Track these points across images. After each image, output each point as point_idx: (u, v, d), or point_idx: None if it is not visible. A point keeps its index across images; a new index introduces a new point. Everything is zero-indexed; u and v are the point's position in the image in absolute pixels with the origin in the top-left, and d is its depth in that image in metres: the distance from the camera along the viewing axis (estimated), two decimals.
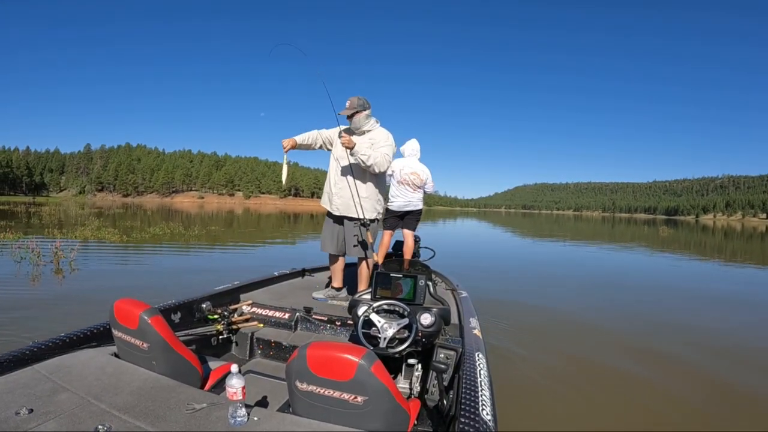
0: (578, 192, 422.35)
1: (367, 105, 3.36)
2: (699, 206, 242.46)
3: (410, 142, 4.93)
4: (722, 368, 4.10)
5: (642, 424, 3.06)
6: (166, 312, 2.54)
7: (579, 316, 5.85)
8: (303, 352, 1.36)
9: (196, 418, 1.38)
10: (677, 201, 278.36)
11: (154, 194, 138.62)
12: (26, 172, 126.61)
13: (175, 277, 7.21)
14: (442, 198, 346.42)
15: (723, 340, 5.08)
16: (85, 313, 4.25)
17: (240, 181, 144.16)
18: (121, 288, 6.07)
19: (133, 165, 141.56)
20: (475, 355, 2.06)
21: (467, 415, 1.49)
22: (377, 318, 2.19)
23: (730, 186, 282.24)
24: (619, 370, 3.97)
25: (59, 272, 7.08)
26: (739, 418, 3.16)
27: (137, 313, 1.68)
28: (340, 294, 3.61)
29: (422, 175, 4.82)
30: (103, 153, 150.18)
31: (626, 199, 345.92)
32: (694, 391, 3.60)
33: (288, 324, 3.07)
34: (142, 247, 11.14)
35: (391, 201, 4.77)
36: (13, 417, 1.33)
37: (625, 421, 3.08)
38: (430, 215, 63.92)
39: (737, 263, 13.98)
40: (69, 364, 1.70)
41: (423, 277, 2.44)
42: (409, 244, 4.82)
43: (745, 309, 6.89)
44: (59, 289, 6.00)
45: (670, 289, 8.63)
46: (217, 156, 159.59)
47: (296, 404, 1.44)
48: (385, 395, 1.37)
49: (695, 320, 5.99)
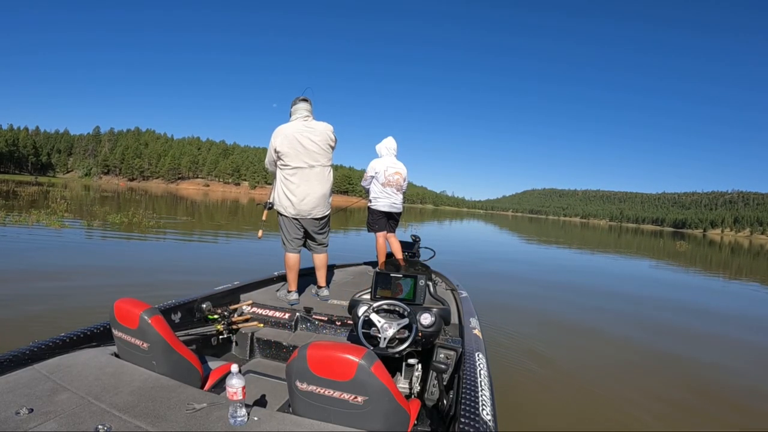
0: (586, 199, 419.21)
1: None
2: (707, 220, 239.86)
3: (387, 140, 4.71)
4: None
5: (641, 424, 3.09)
6: (167, 312, 2.54)
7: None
8: (303, 352, 1.36)
9: (196, 418, 1.38)
10: (685, 214, 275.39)
11: (160, 180, 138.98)
12: (33, 151, 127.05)
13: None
14: (450, 198, 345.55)
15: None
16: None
17: (247, 171, 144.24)
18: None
19: (140, 149, 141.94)
20: (475, 355, 2.06)
21: (467, 415, 1.49)
22: (377, 318, 2.19)
23: (740, 201, 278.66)
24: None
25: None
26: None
27: (137, 313, 1.67)
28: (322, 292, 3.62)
29: (404, 173, 4.69)
30: (111, 136, 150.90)
31: (634, 209, 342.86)
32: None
33: (288, 324, 3.07)
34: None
35: (375, 201, 4.64)
36: (13, 417, 1.32)
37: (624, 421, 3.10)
38: (437, 215, 63.87)
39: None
40: (69, 364, 1.69)
41: (423, 277, 2.43)
42: (396, 246, 4.73)
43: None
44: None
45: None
46: (226, 144, 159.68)
47: (296, 404, 1.43)
48: (385, 395, 1.37)
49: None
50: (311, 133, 3.29)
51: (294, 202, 3.32)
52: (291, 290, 3.43)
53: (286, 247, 3.49)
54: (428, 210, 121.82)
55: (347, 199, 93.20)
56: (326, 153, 3.38)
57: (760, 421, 3.38)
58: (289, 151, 3.28)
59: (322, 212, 3.45)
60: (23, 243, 8.42)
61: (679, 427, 3.15)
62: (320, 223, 3.50)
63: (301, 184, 3.31)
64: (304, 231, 3.50)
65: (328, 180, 3.44)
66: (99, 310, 4.06)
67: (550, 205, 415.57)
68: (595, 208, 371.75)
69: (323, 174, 3.39)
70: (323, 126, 3.38)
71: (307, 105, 3.40)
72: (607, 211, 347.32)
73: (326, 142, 3.36)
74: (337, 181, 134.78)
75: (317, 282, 3.65)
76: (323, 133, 3.34)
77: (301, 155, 3.29)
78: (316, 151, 3.31)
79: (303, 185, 3.31)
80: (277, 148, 3.30)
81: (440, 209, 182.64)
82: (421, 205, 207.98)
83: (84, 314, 4.06)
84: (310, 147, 3.28)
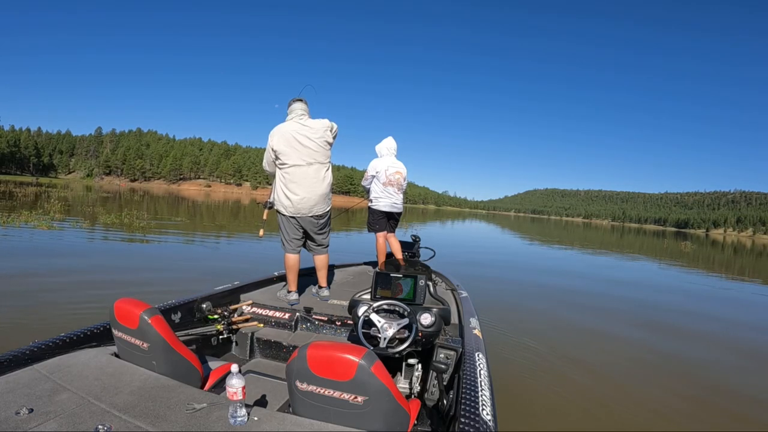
0: (588, 199, 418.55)
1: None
2: (710, 220, 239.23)
3: (387, 141, 4.72)
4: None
5: (642, 424, 3.09)
6: (167, 312, 2.55)
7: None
8: (303, 352, 1.36)
9: (196, 417, 1.38)
10: (688, 214, 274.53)
11: (161, 180, 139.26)
12: (34, 152, 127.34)
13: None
14: (452, 198, 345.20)
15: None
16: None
17: (248, 172, 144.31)
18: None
19: (142, 150, 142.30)
20: (475, 355, 2.06)
21: (467, 415, 1.49)
22: (377, 318, 2.18)
23: (742, 201, 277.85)
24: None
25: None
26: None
27: (137, 313, 1.68)
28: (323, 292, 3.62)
29: (404, 173, 4.70)
30: (113, 137, 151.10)
31: (636, 209, 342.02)
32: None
33: (288, 324, 3.07)
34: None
35: (377, 201, 4.63)
36: (13, 417, 1.32)
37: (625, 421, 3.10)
38: (439, 215, 63.75)
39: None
40: (69, 364, 1.69)
41: (423, 277, 2.43)
42: (396, 246, 4.73)
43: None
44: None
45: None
46: (228, 145, 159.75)
47: (296, 404, 1.43)
48: (385, 395, 1.36)
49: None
50: (308, 132, 3.30)
51: (294, 201, 3.33)
52: (291, 290, 3.44)
53: (286, 248, 3.49)
54: (430, 210, 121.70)
55: (349, 200, 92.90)
56: (324, 151, 3.38)
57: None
58: (287, 149, 3.29)
59: (322, 210, 3.45)
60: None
61: (679, 426, 3.14)
62: (320, 223, 3.49)
63: (299, 182, 3.31)
64: (304, 231, 3.50)
65: (327, 177, 3.44)
66: (70, 317, 4.05)
67: (552, 205, 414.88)
68: (598, 208, 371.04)
69: (321, 172, 3.38)
70: (320, 123, 3.38)
71: (303, 105, 3.42)
72: (609, 211, 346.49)
73: (323, 140, 3.36)
74: (339, 182, 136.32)
75: (317, 282, 3.66)
76: (320, 130, 3.34)
77: (299, 153, 3.30)
78: (314, 148, 3.32)
79: (302, 183, 3.32)
80: (274, 147, 3.31)
81: (442, 209, 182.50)
82: (423, 206, 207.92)
83: (59, 318, 4.05)
84: (307, 145, 3.29)
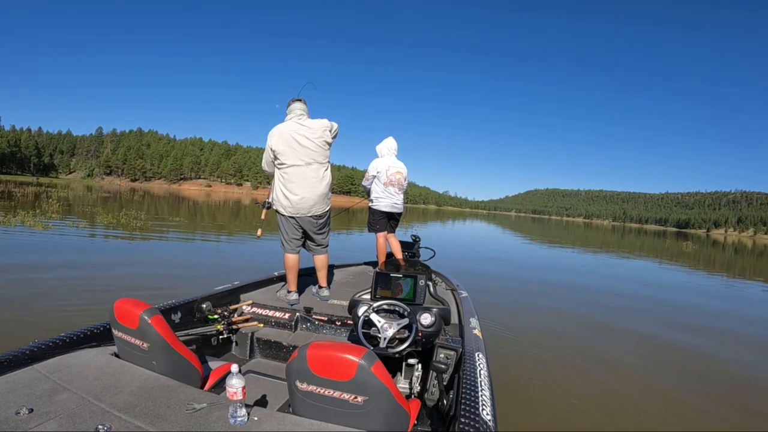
0: (589, 199, 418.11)
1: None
2: (710, 220, 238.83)
3: (387, 141, 4.71)
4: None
5: (642, 424, 3.08)
6: (167, 312, 2.55)
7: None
8: (303, 352, 1.36)
9: (196, 418, 1.38)
10: (689, 214, 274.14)
11: (162, 180, 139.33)
12: (35, 152, 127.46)
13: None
14: (452, 198, 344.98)
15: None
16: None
17: (249, 172, 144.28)
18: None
19: (142, 150, 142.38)
20: (475, 355, 2.06)
21: (467, 415, 1.49)
22: (377, 318, 2.18)
23: (743, 201, 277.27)
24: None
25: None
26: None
27: (137, 313, 1.68)
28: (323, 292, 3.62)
29: (404, 173, 4.70)
30: (114, 137, 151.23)
31: (637, 209, 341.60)
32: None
33: (288, 324, 3.07)
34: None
35: (377, 201, 4.64)
36: (13, 417, 1.32)
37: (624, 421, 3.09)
38: (439, 215, 63.74)
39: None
40: (69, 364, 1.69)
41: (423, 277, 2.43)
42: (396, 246, 4.73)
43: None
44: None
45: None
46: (228, 145, 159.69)
47: (296, 404, 1.43)
48: (385, 395, 1.36)
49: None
50: (306, 131, 3.30)
51: (293, 201, 3.32)
52: (291, 290, 3.44)
53: (285, 248, 3.49)
54: (431, 210, 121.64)
55: (350, 200, 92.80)
56: (322, 150, 3.37)
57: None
58: (285, 149, 3.28)
59: (322, 209, 3.44)
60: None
61: (678, 427, 3.14)
62: (319, 223, 3.48)
63: (298, 182, 3.30)
64: (303, 232, 3.49)
65: (326, 177, 3.43)
66: (68, 317, 4.01)
67: (553, 206, 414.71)
68: (598, 208, 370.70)
69: (320, 171, 3.38)
70: (319, 123, 3.37)
71: (302, 105, 3.42)
72: (610, 211, 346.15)
73: (322, 140, 3.35)
74: (339, 182, 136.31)
75: (317, 282, 3.66)
76: (318, 130, 3.33)
77: (298, 153, 3.29)
78: (312, 148, 3.31)
79: (300, 183, 3.31)
80: (273, 147, 3.31)
81: (443, 209, 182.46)
82: (423, 206, 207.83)
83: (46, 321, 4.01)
84: (306, 145, 3.28)
